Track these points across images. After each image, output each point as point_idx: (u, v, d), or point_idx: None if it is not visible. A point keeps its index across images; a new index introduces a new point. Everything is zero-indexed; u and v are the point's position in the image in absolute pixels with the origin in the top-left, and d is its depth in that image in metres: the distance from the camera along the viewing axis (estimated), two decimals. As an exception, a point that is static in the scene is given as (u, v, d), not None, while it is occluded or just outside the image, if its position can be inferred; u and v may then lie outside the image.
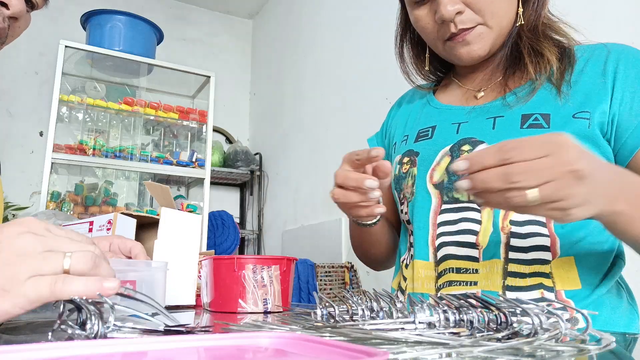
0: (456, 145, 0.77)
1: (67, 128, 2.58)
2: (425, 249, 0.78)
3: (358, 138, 2.48)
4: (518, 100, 0.75)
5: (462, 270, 0.73)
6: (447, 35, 0.77)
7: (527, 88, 0.76)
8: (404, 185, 0.83)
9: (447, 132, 0.80)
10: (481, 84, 0.84)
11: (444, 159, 0.78)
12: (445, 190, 0.77)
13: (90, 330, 0.40)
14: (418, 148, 0.83)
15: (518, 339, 0.37)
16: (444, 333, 0.40)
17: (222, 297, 0.75)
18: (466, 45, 0.77)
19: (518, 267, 0.70)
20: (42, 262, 0.41)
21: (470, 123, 0.79)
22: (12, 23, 0.80)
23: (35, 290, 0.40)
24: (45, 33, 3.03)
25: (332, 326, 0.43)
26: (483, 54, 0.78)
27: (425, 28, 0.80)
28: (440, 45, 0.80)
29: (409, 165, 0.83)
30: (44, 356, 0.30)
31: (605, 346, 0.37)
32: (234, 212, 3.42)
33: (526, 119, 0.73)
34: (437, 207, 0.77)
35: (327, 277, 2.34)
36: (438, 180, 0.78)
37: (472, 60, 0.79)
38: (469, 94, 0.85)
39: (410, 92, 1.01)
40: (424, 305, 0.43)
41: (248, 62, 3.97)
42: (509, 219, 0.72)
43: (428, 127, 0.85)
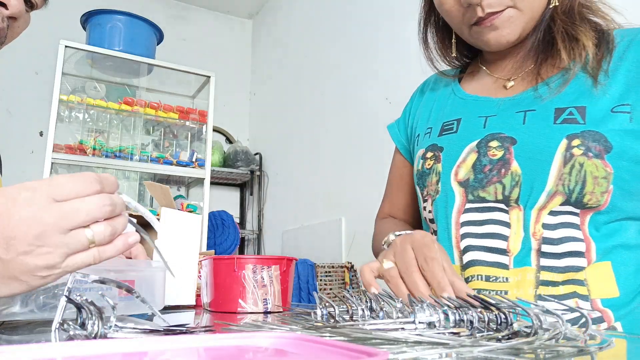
0: (483, 141, 0.72)
1: (67, 128, 2.58)
2: (450, 251, 0.73)
3: (358, 138, 2.49)
4: (550, 91, 0.69)
5: (492, 278, 0.68)
6: (474, 20, 0.71)
7: (560, 78, 0.70)
8: (428, 182, 0.79)
9: (474, 126, 0.75)
10: (511, 72, 0.77)
11: (470, 156, 0.73)
12: (470, 188, 0.72)
13: (90, 330, 0.40)
14: (442, 142, 0.78)
15: (518, 339, 0.37)
16: (444, 333, 0.40)
17: (222, 297, 0.75)
18: (494, 30, 0.70)
19: (551, 275, 0.66)
20: (68, 247, 0.44)
21: (498, 117, 0.73)
22: (11, 23, 0.80)
23: (77, 264, 0.44)
24: (45, 33, 3.02)
25: (332, 326, 0.43)
26: (513, 39, 0.72)
27: (450, 12, 0.74)
28: (466, 30, 0.74)
29: (433, 160, 0.78)
30: (44, 356, 0.30)
31: (606, 346, 0.37)
32: (234, 212, 3.42)
33: (560, 113, 0.67)
34: (461, 206, 0.73)
35: (327, 277, 2.34)
36: (464, 177, 0.73)
37: (501, 47, 0.73)
38: (498, 83, 0.79)
39: (432, 79, 0.94)
40: (424, 305, 0.43)
41: (248, 62, 3.97)
42: (541, 222, 0.67)
43: (453, 119, 0.79)
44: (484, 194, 0.71)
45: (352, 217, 2.46)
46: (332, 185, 2.67)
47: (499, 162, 0.70)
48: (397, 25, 2.24)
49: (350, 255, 2.43)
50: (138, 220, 0.93)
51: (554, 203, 0.66)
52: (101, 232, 0.45)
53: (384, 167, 2.29)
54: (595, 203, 0.65)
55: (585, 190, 0.64)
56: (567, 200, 0.66)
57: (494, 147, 0.71)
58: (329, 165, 2.72)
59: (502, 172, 0.69)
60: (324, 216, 2.69)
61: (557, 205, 0.66)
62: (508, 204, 0.69)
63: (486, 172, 0.71)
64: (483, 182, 0.71)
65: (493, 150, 0.71)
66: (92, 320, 0.40)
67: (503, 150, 0.70)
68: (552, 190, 0.66)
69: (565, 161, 0.65)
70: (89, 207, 0.44)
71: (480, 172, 0.71)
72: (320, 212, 2.74)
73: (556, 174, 0.65)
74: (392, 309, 0.45)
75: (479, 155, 0.72)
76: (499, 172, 0.69)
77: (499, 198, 0.69)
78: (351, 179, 2.50)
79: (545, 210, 0.67)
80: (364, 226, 0.63)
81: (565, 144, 0.65)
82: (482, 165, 0.71)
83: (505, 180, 0.69)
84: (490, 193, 0.70)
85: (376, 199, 2.39)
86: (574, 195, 0.65)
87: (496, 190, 0.70)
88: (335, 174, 2.64)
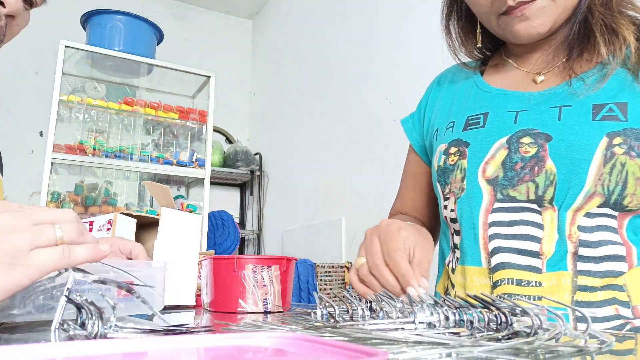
0: (515, 137, 0.68)
1: (67, 128, 2.58)
2: (476, 253, 0.69)
3: (358, 138, 2.49)
4: (587, 87, 0.65)
5: (523, 282, 0.64)
6: (503, 9, 0.66)
7: (597, 73, 0.66)
8: (451, 178, 0.74)
9: (503, 121, 0.71)
10: (541, 66, 0.73)
11: (500, 152, 0.69)
12: (499, 186, 0.68)
13: (90, 330, 0.40)
14: (468, 137, 0.73)
15: (518, 339, 0.37)
16: (444, 333, 0.40)
17: (222, 297, 0.75)
18: (525, 20, 0.66)
19: (589, 280, 0.62)
20: (36, 235, 0.43)
21: (530, 112, 0.69)
22: (9, 21, 0.79)
23: (46, 261, 0.43)
24: (45, 33, 3.03)
25: (332, 326, 0.43)
26: (544, 31, 0.67)
27: (476, 1, 0.70)
28: (494, 20, 0.69)
29: (457, 156, 0.73)
30: (44, 356, 0.30)
31: (605, 346, 0.37)
32: (234, 212, 3.42)
33: (599, 109, 0.63)
34: (489, 205, 0.68)
35: (327, 277, 2.34)
36: (492, 175, 0.69)
37: (531, 38, 0.69)
38: (527, 77, 0.74)
39: (451, 70, 0.90)
40: (424, 305, 0.43)
41: (248, 62, 3.97)
42: (577, 224, 0.63)
43: (479, 113, 0.75)
44: (514, 193, 0.67)
45: (352, 217, 2.46)
46: (332, 185, 2.67)
47: (532, 159, 0.65)
48: (397, 25, 2.24)
49: (350, 255, 2.44)
50: (138, 221, 0.93)
51: (591, 204, 0.62)
52: (69, 229, 0.45)
53: (384, 167, 2.30)
54: (635, 206, 0.61)
55: (626, 191, 0.61)
56: (606, 202, 0.62)
57: (526, 144, 0.66)
58: (329, 165, 2.72)
59: (536, 170, 0.65)
60: (324, 216, 2.69)
61: (594, 207, 0.62)
62: (541, 204, 0.65)
63: (517, 170, 0.67)
64: (514, 181, 0.67)
65: (525, 147, 0.66)
66: (92, 320, 0.40)
67: (537, 147, 0.66)
68: (591, 191, 0.62)
69: (606, 160, 0.61)
70: (57, 214, 0.46)
71: (511, 169, 0.67)
72: (320, 212, 2.74)
73: (595, 174, 0.61)
74: (392, 309, 0.45)
75: (509, 152, 0.68)
76: (532, 170, 0.65)
77: (531, 198, 0.65)
78: (351, 179, 2.50)
79: (582, 211, 0.63)
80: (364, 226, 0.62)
81: (606, 142, 0.61)
82: (513, 162, 0.67)
83: (539, 179, 0.65)
84: (521, 192, 0.66)
85: (376, 199, 2.40)
86: (614, 197, 0.61)
87: (528, 190, 0.65)
88: (335, 174, 2.64)
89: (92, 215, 2.41)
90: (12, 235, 0.42)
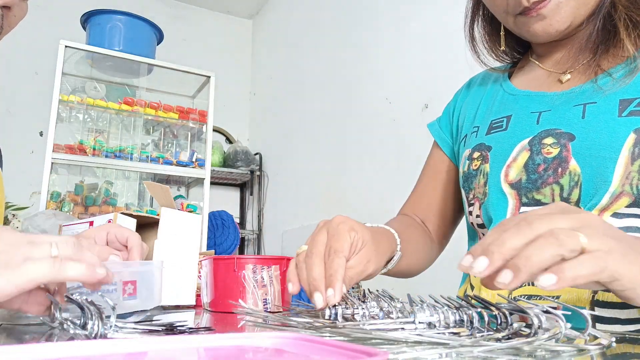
0: (537, 138, 0.65)
1: (67, 128, 2.58)
2: None
3: (358, 138, 2.49)
4: (614, 82, 0.62)
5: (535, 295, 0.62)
6: (519, 10, 0.65)
7: (625, 68, 0.63)
8: (474, 184, 0.72)
9: (525, 123, 0.68)
10: (567, 65, 0.70)
11: (522, 154, 0.66)
12: (523, 190, 0.65)
13: (90, 330, 0.40)
14: (490, 141, 0.71)
15: (518, 339, 0.37)
16: (444, 333, 0.40)
17: (222, 297, 0.75)
18: (541, 20, 0.64)
19: (609, 295, 0.58)
20: (31, 248, 0.44)
21: (553, 111, 0.66)
22: (5, 12, 0.78)
23: (35, 270, 0.43)
24: (45, 33, 3.03)
25: (332, 326, 0.43)
26: (562, 29, 0.65)
27: (492, 1, 0.69)
28: (511, 20, 0.68)
29: (480, 161, 0.72)
30: (44, 356, 0.30)
31: (605, 346, 0.37)
32: (234, 212, 3.42)
33: (626, 104, 0.60)
34: (515, 210, 0.66)
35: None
36: (515, 178, 0.67)
37: (550, 37, 0.67)
38: (552, 77, 0.71)
39: (482, 74, 0.88)
40: (424, 306, 0.43)
41: (248, 62, 3.97)
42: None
43: (502, 117, 0.73)
44: (539, 196, 0.64)
45: (351, 217, 2.46)
46: (332, 185, 2.67)
47: (555, 160, 0.63)
48: (397, 25, 2.24)
49: (350, 255, 2.43)
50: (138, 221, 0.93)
51: (619, 204, 0.59)
52: (65, 247, 0.46)
53: (384, 167, 2.30)
54: None
55: None
56: (636, 202, 0.58)
57: (548, 145, 0.64)
58: (329, 165, 2.72)
59: (559, 172, 0.62)
60: (324, 216, 2.69)
61: (623, 207, 0.59)
62: None
63: (540, 172, 0.64)
64: (537, 183, 0.64)
65: (548, 148, 0.64)
66: (92, 321, 0.40)
67: (559, 148, 0.63)
68: (617, 191, 0.59)
69: (634, 158, 0.58)
70: (56, 237, 0.46)
71: (534, 172, 0.65)
72: (320, 212, 2.74)
73: (622, 173, 0.58)
74: (392, 309, 0.45)
75: (531, 154, 0.65)
76: (556, 172, 0.63)
77: (556, 200, 0.62)
78: (351, 179, 2.50)
79: (608, 211, 0.60)
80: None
81: (634, 139, 0.58)
82: (536, 164, 0.65)
83: (563, 180, 0.62)
84: (546, 195, 0.63)
85: (376, 199, 2.40)
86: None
87: (553, 192, 0.63)
88: (335, 174, 2.64)
89: (92, 215, 2.41)
90: (8, 248, 0.43)
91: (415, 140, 2.04)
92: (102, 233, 0.70)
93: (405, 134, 2.13)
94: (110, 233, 0.71)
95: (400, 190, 2.12)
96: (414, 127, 2.05)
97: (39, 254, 0.44)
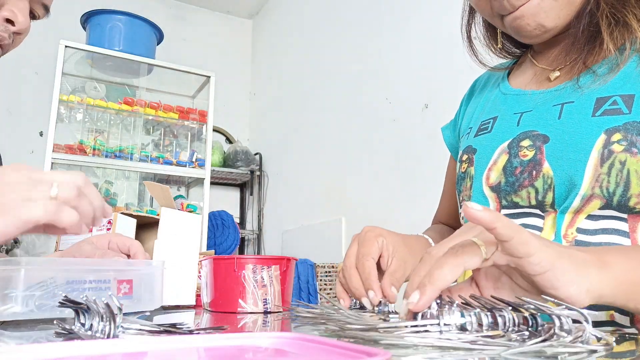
0: (515, 140, 0.66)
1: (67, 128, 2.58)
2: None
3: (358, 138, 2.49)
4: (595, 80, 0.62)
5: None
6: (503, 12, 0.66)
7: (608, 64, 0.62)
8: (462, 186, 0.74)
9: (508, 124, 0.69)
10: (558, 62, 0.69)
11: (501, 157, 0.67)
12: (503, 193, 0.66)
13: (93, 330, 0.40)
14: (477, 144, 0.72)
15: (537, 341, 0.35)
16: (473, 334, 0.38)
17: (222, 297, 0.75)
18: (524, 20, 0.65)
19: None
20: (31, 188, 0.45)
21: (534, 112, 0.66)
22: (15, 37, 0.81)
23: (29, 211, 0.44)
24: (45, 33, 3.02)
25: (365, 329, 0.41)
26: (547, 28, 0.65)
27: (477, 5, 0.70)
28: (499, 21, 0.69)
29: (467, 164, 0.73)
30: (45, 356, 0.30)
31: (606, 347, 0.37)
32: (234, 212, 3.42)
33: (601, 103, 0.59)
34: None
35: (327, 277, 2.34)
36: (495, 181, 0.67)
37: (536, 38, 0.67)
38: (544, 74, 0.71)
39: (486, 75, 0.87)
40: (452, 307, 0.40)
41: (248, 62, 3.97)
42: (576, 225, 0.59)
43: (490, 118, 0.73)
44: (517, 199, 0.64)
45: (352, 217, 2.46)
46: (332, 185, 2.67)
47: (530, 163, 0.63)
48: (397, 25, 2.24)
49: (350, 255, 2.43)
50: (138, 221, 0.93)
51: (591, 207, 0.58)
52: (65, 188, 0.46)
53: (384, 167, 2.30)
54: None
55: (630, 192, 0.56)
56: (608, 204, 0.57)
57: (525, 147, 0.64)
58: (329, 165, 2.72)
59: (534, 175, 0.63)
60: (324, 216, 2.69)
61: (596, 210, 0.58)
62: (543, 209, 0.62)
63: (517, 175, 0.65)
64: (515, 186, 0.65)
65: (524, 151, 0.64)
66: (95, 321, 0.40)
67: (534, 150, 0.63)
68: (587, 194, 0.58)
69: (603, 160, 0.57)
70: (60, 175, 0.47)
71: (512, 175, 0.65)
72: (320, 212, 2.74)
73: (592, 175, 0.58)
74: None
75: (509, 157, 0.66)
76: (531, 175, 0.63)
77: (532, 203, 0.63)
78: (351, 179, 2.50)
79: (582, 214, 0.59)
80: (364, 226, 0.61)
81: (604, 140, 0.57)
82: (513, 167, 0.65)
83: (538, 183, 0.62)
84: (523, 198, 0.64)
85: (376, 199, 2.40)
86: (616, 199, 0.56)
87: (529, 195, 0.63)
88: (335, 174, 2.65)
89: (92, 215, 2.41)
90: (7, 188, 0.45)
91: (416, 140, 2.04)
92: (103, 241, 0.71)
93: (405, 134, 2.13)
94: (111, 242, 0.72)
95: (400, 190, 2.12)
96: (414, 127, 2.05)
97: (38, 194, 0.45)
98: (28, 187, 0.45)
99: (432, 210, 0.96)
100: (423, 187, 1.94)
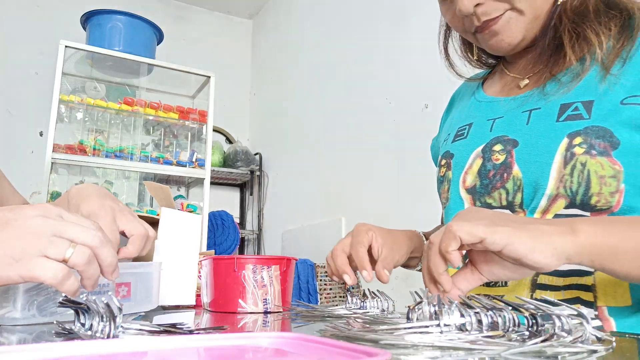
0: (488, 145, 0.71)
1: (67, 128, 2.58)
2: None
3: (358, 138, 2.49)
4: (560, 87, 0.66)
5: (491, 283, 0.66)
6: (473, 29, 0.71)
7: (572, 73, 0.66)
8: (441, 190, 0.79)
9: (482, 130, 0.74)
10: (525, 70, 0.74)
11: (476, 161, 0.72)
12: (477, 195, 0.71)
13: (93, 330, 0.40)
14: (454, 149, 0.77)
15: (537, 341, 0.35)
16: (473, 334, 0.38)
17: (222, 297, 0.75)
18: (495, 35, 0.69)
19: (550, 278, 0.63)
20: (48, 245, 0.46)
21: (505, 118, 0.71)
22: None
23: (40, 270, 0.45)
24: (45, 33, 3.03)
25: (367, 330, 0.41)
26: (515, 43, 0.69)
27: (451, 22, 0.75)
28: (471, 37, 0.73)
29: (445, 168, 0.78)
30: (45, 356, 0.30)
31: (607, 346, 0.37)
32: (234, 212, 3.42)
33: (565, 109, 0.64)
34: None
35: (327, 277, 2.34)
36: (470, 184, 0.72)
37: (506, 51, 0.72)
38: (515, 82, 0.75)
39: (462, 86, 0.93)
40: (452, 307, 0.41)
41: (248, 62, 3.97)
42: None
43: (465, 124, 0.78)
44: (490, 200, 0.69)
45: (352, 217, 2.46)
46: (332, 185, 2.67)
47: (502, 166, 0.68)
48: (397, 25, 2.24)
49: (350, 255, 2.43)
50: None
51: (557, 206, 0.63)
52: (79, 254, 0.47)
53: (384, 167, 2.30)
54: (605, 205, 0.60)
55: (591, 191, 0.60)
56: (572, 203, 0.62)
57: (497, 151, 0.69)
58: (329, 165, 2.72)
59: (505, 177, 0.67)
60: (324, 216, 2.69)
61: (562, 209, 0.62)
62: (513, 209, 0.67)
63: (490, 178, 0.69)
64: (488, 188, 0.69)
65: (496, 155, 0.69)
66: (95, 321, 0.40)
67: (505, 154, 0.68)
68: (553, 194, 0.63)
69: (566, 162, 0.61)
70: (81, 235, 0.48)
71: (485, 177, 0.70)
72: (320, 212, 2.74)
73: (556, 176, 0.62)
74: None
75: (483, 161, 0.71)
76: (502, 177, 0.68)
77: (503, 204, 0.68)
78: (351, 179, 2.50)
79: (549, 214, 0.63)
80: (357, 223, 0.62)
81: (566, 143, 0.61)
82: (487, 170, 0.70)
83: (508, 185, 0.67)
84: (495, 199, 0.69)
85: (376, 199, 2.40)
86: (579, 198, 0.61)
87: (501, 196, 0.68)
88: (335, 174, 2.64)
89: (92, 215, 2.41)
90: (29, 237, 0.45)
91: (416, 141, 2.03)
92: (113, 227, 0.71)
93: (405, 134, 2.13)
94: None
95: (400, 190, 2.12)
96: (414, 127, 2.05)
97: (54, 253, 0.46)
98: (47, 243, 0.46)
99: (432, 210, 0.96)
100: (423, 187, 1.94)
